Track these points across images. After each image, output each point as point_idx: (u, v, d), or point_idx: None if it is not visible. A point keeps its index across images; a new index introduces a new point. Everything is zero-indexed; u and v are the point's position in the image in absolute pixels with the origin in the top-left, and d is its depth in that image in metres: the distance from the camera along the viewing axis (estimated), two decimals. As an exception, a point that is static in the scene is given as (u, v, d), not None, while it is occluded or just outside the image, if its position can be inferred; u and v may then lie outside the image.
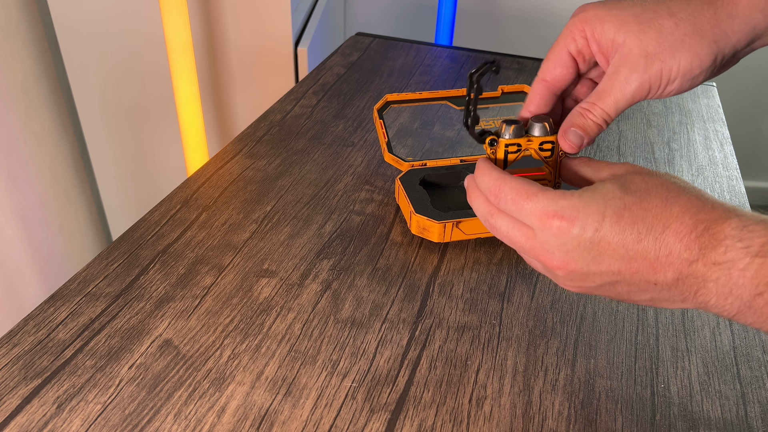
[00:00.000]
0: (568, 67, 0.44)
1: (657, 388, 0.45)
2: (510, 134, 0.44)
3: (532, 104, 0.46)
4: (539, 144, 0.44)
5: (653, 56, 0.39)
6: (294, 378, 0.44)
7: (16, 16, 1.01)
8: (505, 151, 0.44)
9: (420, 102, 0.64)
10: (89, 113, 1.18)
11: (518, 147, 0.44)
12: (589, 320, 0.50)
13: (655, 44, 0.40)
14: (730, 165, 0.73)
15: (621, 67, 0.41)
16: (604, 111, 0.41)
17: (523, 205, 0.38)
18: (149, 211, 0.59)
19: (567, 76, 0.45)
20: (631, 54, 0.40)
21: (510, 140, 0.44)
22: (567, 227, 0.36)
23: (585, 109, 0.42)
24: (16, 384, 0.42)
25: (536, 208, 0.37)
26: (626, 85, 0.40)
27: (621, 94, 0.41)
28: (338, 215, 0.60)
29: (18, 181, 1.02)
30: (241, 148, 0.70)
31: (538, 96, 0.45)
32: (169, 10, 0.88)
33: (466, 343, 0.48)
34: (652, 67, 0.40)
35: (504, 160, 0.45)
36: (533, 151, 0.44)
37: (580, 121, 0.42)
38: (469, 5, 1.68)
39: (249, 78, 1.12)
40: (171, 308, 0.49)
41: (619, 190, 0.36)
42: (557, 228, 0.36)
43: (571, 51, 0.44)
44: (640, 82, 0.40)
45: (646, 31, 0.40)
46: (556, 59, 0.44)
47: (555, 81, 0.45)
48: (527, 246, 0.39)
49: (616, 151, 0.74)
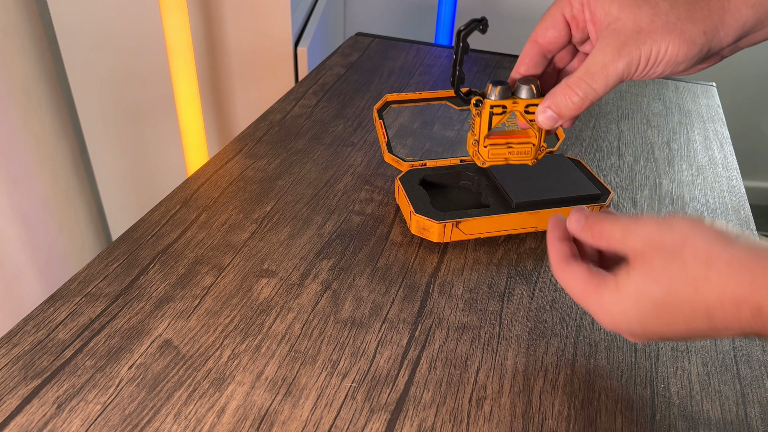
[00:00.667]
0: (561, 30, 0.44)
1: (657, 388, 0.45)
2: (496, 95, 0.43)
3: (522, 65, 0.45)
4: (525, 107, 0.43)
5: (645, 34, 0.39)
6: (294, 378, 0.44)
7: (15, 16, 1.00)
8: (490, 112, 0.43)
9: (420, 102, 0.64)
10: (89, 113, 1.18)
11: (503, 109, 0.43)
12: (589, 320, 0.50)
13: (648, 22, 0.39)
14: (730, 165, 0.73)
15: (612, 41, 0.40)
16: (591, 87, 0.40)
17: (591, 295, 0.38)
18: (149, 211, 0.59)
19: (559, 39, 0.44)
20: (624, 28, 0.39)
21: (495, 101, 0.43)
22: (614, 328, 0.38)
23: (569, 87, 0.41)
24: (16, 384, 0.42)
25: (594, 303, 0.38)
26: (618, 59, 0.39)
27: (612, 69, 0.40)
28: (338, 215, 0.60)
29: (18, 181, 1.02)
30: (241, 148, 0.70)
31: (528, 57, 0.45)
32: (168, 10, 0.88)
33: (466, 343, 0.48)
34: (644, 44, 0.39)
35: (489, 122, 0.44)
36: (519, 113, 0.43)
37: (559, 100, 0.41)
38: (469, 5, 1.68)
39: (249, 78, 1.12)
40: (171, 308, 0.49)
41: (646, 287, 0.35)
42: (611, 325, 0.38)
43: (566, 15, 0.43)
44: (630, 58, 0.39)
45: (642, 7, 0.39)
46: (549, 20, 0.44)
47: (546, 43, 0.44)
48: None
49: (616, 151, 0.74)
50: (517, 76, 0.45)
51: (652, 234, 0.35)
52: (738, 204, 0.66)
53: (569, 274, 0.39)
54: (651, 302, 0.34)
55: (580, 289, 0.38)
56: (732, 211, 0.65)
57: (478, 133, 0.44)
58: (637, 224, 0.36)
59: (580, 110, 0.41)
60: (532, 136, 0.44)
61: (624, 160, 0.73)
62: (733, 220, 0.64)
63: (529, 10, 1.69)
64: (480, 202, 0.62)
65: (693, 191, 0.68)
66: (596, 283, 0.38)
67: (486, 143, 0.43)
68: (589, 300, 0.38)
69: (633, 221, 0.37)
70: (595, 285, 0.38)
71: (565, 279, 0.40)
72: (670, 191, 0.68)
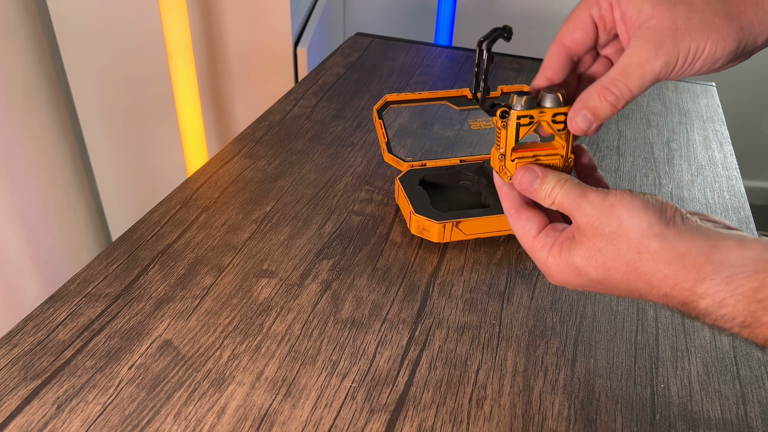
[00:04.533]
0: (589, 32, 0.42)
1: (657, 388, 0.45)
2: (522, 105, 0.42)
3: (549, 69, 0.43)
4: (552, 116, 0.42)
5: (683, 32, 0.38)
6: (294, 378, 0.44)
7: (15, 17, 1.00)
8: (517, 123, 0.42)
9: (419, 102, 0.64)
10: (89, 114, 1.18)
11: (530, 119, 0.42)
12: (589, 320, 0.50)
13: (685, 19, 0.38)
14: (730, 165, 0.73)
15: (648, 40, 0.38)
16: (627, 88, 0.39)
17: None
18: (149, 211, 0.59)
19: (586, 41, 0.42)
20: (660, 26, 0.38)
21: (522, 111, 0.42)
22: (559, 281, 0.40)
23: (605, 87, 0.40)
24: (16, 385, 0.42)
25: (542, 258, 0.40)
26: (654, 59, 0.38)
27: (649, 68, 0.38)
28: (338, 215, 0.60)
29: (18, 182, 1.02)
30: (241, 149, 0.70)
31: (555, 60, 0.43)
32: (168, 11, 0.88)
33: (465, 344, 0.48)
34: (681, 42, 0.38)
35: (516, 133, 0.43)
36: (545, 123, 0.42)
37: (594, 103, 0.40)
38: (468, 5, 1.68)
39: (248, 78, 1.12)
40: (171, 309, 0.49)
41: (585, 266, 0.37)
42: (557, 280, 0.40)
43: (594, 16, 0.42)
44: (668, 57, 0.38)
45: (677, 4, 0.38)
46: (576, 21, 0.42)
47: (573, 45, 0.43)
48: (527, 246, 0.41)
49: (616, 151, 0.74)
50: (543, 81, 0.44)
51: (593, 218, 0.37)
52: (738, 204, 0.66)
53: (519, 223, 0.42)
54: (588, 278, 0.38)
55: (529, 243, 0.41)
56: (732, 210, 0.65)
57: (505, 146, 0.43)
58: (584, 200, 0.38)
59: (614, 111, 0.40)
60: (558, 147, 0.43)
61: (624, 160, 0.73)
62: (733, 219, 0.64)
63: (529, 10, 1.69)
64: (480, 202, 0.62)
65: (693, 191, 0.68)
66: (542, 244, 0.40)
67: (513, 156, 0.43)
68: (535, 256, 0.41)
69: (581, 195, 0.38)
70: (541, 245, 0.40)
71: (515, 228, 0.42)
72: (669, 191, 0.68)
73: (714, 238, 0.34)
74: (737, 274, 0.32)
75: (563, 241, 0.39)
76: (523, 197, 0.43)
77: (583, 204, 0.38)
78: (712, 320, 0.33)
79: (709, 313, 0.33)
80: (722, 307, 0.32)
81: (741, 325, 0.32)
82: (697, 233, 0.34)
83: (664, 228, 0.35)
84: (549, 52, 0.43)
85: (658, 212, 0.35)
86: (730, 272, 0.32)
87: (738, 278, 0.32)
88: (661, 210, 0.36)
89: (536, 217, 0.42)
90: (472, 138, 0.70)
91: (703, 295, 0.33)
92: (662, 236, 0.35)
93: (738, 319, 0.32)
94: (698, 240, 0.34)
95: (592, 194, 0.38)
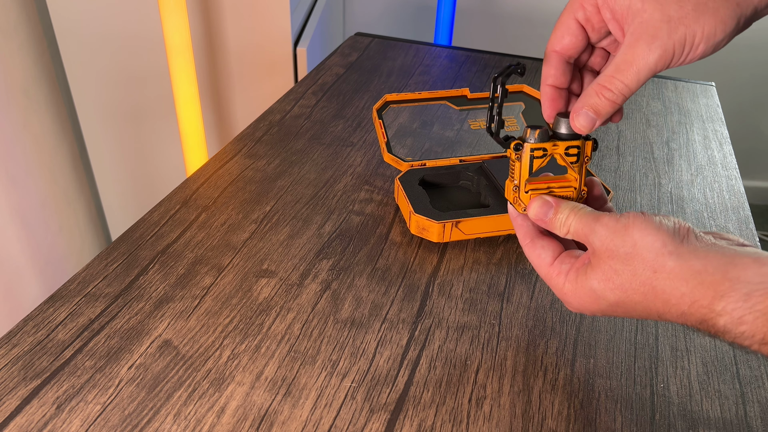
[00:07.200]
0: (577, 36, 0.43)
1: (656, 388, 0.45)
2: (535, 138, 0.42)
3: (549, 76, 0.44)
4: (565, 149, 0.43)
5: (676, 21, 0.37)
6: (294, 378, 0.44)
7: (15, 17, 1.00)
8: (531, 156, 0.42)
9: (419, 102, 0.64)
10: (88, 114, 1.18)
11: (544, 152, 0.43)
12: (589, 320, 0.50)
13: (677, 8, 0.37)
14: (730, 164, 0.73)
15: (642, 34, 0.38)
16: (623, 84, 0.39)
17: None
18: (149, 211, 0.59)
19: (577, 44, 0.43)
20: (651, 20, 0.38)
21: (536, 144, 0.43)
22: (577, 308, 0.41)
23: (601, 85, 0.40)
24: (16, 385, 0.42)
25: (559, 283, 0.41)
26: (648, 53, 0.38)
27: (643, 63, 0.38)
28: (337, 215, 0.60)
29: (17, 182, 1.02)
30: (241, 149, 0.70)
31: (553, 67, 0.43)
32: (168, 11, 0.88)
33: (465, 343, 0.48)
34: (675, 32, 0.38)
35: (530, 165, 0.43)
36: (558, 156, 0.43)
37: (594, 100, 0.40)
38: (468, 5, 1.68)
39: (248, 78, 1.12)
40: (170, 308, 0.49)
41: (602, 290, 0.38)
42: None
43: (579, 19, 0.42)
44: (663, 50, 0.38)
45: None
46: (563, 28, 0.43)
47: (565, 50, 0.43)
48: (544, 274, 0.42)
49: (616, 151, 0.74)
50: (547, 89, 0.44)
51: (607, 240, 0.37)
52: (737, 204, 0.66)
53: (535, 252, 0.42)
54: (606, 302, 0.38)
55: (545, 271, 0.42)
56: (731, 210, 0.65)
57: (519, 178, 0.43)
58: (598, 224, 0.38)
59: (615, 106, 0.41)
60: (572, 179, 0.43)
61: (623, 160, 0.73)
62: (732, 219, 0.64)
63: (529, 10, 1.69)
64: (480, 202, 0.62)
65: (692, 191, 0.68)
66: (558, 271, 0.41)
67: (527, 188, 0.43)
68: (552, 283, 0.41)
69: (595, 219, 0.39)
70: (557, 272, 0.41)
71: (531, 257, 0.43)
72: (669, 191, 0.68)
73: (730, 255, 0.34)
74: (755, 291, 0.32)
75: (579, 266, 0.39)
76: (537, 227, 0.43)
77: (597, 227, 0.38)
78: (731, 338, 0.33)
79: (728, 330, 0.33)
80: (741, 324, 0.32)
81: (761, 342, 0.32)
82: (712, 250, 0.34)
83: (678, 246, 0.35)
84: (544, 62, 0.44)
85: (672, 231, 0.36)
86: (747, 289, 0.32)
87: (756, 295, 0.32)
88: (675, 229, 0.36)
89: (551, 245, 0.42)
90: (472, 138, 0.70)
91: (721, 312, 0.33)
92: (677, 254, 0.35)
93: (757, 336, 0.32)
94: (714, 257, 0.34)
95: (605, 218, 0.38)
